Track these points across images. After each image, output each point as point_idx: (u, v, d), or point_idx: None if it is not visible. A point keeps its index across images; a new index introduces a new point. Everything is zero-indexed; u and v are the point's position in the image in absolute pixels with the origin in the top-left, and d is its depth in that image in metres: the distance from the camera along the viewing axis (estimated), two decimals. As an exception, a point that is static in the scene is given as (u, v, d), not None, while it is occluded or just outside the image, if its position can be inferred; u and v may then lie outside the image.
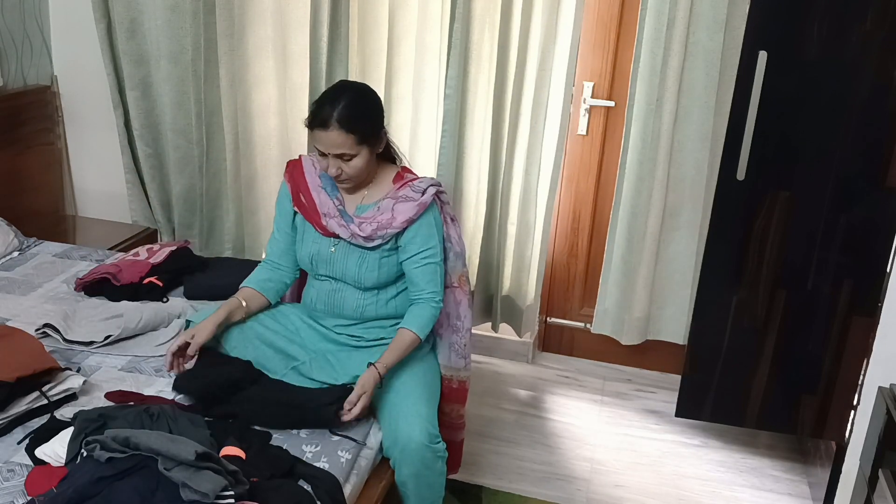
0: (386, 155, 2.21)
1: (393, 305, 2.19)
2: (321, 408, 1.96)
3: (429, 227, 2.13)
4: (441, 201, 2.18)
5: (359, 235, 2.11)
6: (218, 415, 1.94)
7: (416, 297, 2.15)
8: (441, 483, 2.08)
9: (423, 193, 2.12)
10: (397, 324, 2.17)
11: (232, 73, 3.12)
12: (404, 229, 2.11)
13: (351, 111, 2.02)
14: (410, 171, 2.24)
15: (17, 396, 1.89)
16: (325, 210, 2.16)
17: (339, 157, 2.05)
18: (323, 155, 2.08)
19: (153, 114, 3.30)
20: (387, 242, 2.13)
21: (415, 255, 2.13)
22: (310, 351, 2.18)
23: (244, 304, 2.20)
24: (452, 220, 2.22)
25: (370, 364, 2.03)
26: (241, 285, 2.27)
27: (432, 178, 2.18)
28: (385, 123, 2.17)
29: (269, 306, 2.27)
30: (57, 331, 2.26)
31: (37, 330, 2.27)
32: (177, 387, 2.02)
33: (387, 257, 2.14)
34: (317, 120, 2.04)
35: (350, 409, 1.96)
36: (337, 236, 2.15)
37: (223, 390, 1.97)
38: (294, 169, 2.25)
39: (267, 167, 3.27)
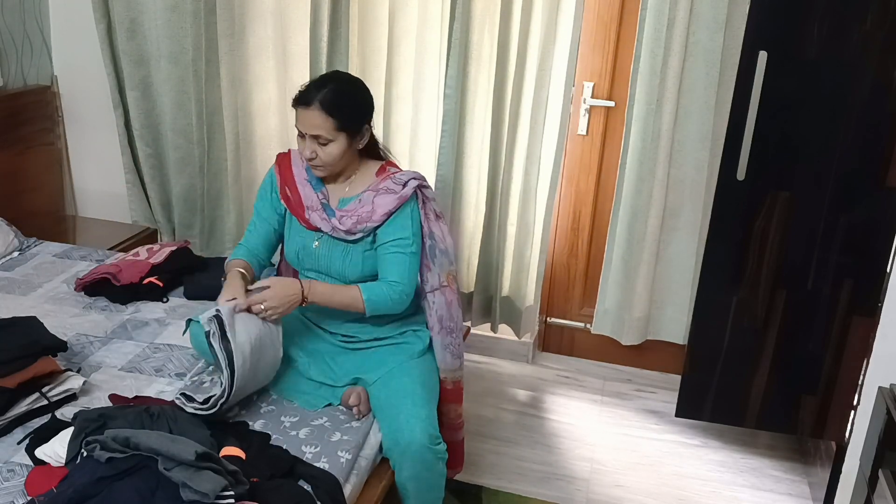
0: (372, 152, 2.22)
1: None
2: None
3: (404, 219, 2.12)
4: (424, 196, 2.15)
5: (339, 229, 2.12)
6: None
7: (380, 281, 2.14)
8: (441, 484, 2.08)
9: (405, 186, 2.11)
10: (391, 322, 2.18)
11: (232, 73, 3.12)
12: (384, 222, 2.11)
13: (335, 96, 2.05)
14: (395, 166, 2.24)
15: (17, 399, 1.89)
16: (309, 203, 2.17)
17: (316, 139, 2.07)
18: (301, 136, 2.10)
19: (153, 114, 3.30)
20: (368, 235, 2.12)
21: (385, 242, 2.12)
22: (308, 351, 2.19)
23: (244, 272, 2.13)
24: (437, 216, 2.18)
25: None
26: (229, 261, 2.19)
27: (415, 172, 2.17)
28: (372, 123, 2.16)
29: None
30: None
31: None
32: None
33: (369, 251, 2.14)
34: (301, 98, 2.07)
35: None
36: (319, 230, 2.16)
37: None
38: (282, 161, 2.27)
39: (267, 167, 3.22)
